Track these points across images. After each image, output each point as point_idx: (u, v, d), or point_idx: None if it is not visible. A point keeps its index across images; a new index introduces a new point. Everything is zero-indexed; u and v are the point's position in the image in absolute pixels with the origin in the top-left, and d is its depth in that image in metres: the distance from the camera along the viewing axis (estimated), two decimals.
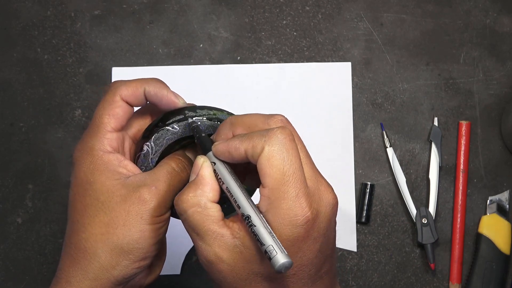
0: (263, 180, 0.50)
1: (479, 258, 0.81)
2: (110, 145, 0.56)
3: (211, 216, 0.51)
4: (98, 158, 0.56)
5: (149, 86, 0.58)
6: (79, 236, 0.55)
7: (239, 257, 0.51)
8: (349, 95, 0.85)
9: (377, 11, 0.86)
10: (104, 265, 0.54)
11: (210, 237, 0.51)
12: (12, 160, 0.84)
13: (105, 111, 0.57)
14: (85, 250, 0.55)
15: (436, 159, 0.83)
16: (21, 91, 0.85)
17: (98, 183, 0.55)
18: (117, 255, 0.54)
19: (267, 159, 0.50)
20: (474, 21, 0.86)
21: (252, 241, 0.50)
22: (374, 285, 0.83)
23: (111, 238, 0.54)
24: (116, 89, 0.57)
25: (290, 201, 0.49)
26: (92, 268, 0.54)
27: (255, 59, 0.86)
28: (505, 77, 0.85)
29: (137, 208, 0.54)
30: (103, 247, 0.54)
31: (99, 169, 0.55)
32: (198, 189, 0.52)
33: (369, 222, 0.83)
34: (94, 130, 0.57)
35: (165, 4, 0.87)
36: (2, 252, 0.83)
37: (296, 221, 0.49)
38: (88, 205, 0.55)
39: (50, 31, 0.86)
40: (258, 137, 0.50)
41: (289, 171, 0.50)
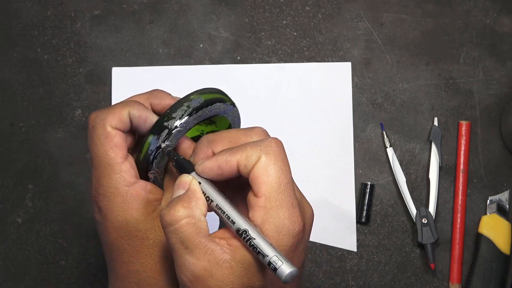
0: (258, 189, 0.50)
1: (479, 258, 0.81)
2: (130, 176, 0.56)
3: (203, 229, 0.51)
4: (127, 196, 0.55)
5: (133, 109, 0.57)
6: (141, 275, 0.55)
7: (228, 272, 0.50)
8: (349, 95, 0.85)
9: (377, 11, 0.86)
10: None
11: (200, 251, 0.50)
12: (12, 160, 0.84)
13: (106, 146, 0.56)
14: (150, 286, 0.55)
15: (436, 159, 0.83)
16: (21, 91, 0.85)
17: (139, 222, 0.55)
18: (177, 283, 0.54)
19: (264, 168, 0.50)
20: (474, 21, 0.86)
21: (245, 255, 0.50)
22: (374, 285, 0.83)
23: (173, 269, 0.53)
24: (103, 120, 0.56)
25: (287, 210, 0.50)
26: None
27: (255, 59, 0.86)
28: (505, 77, 0.85)
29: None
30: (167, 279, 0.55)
31: (133, 208, 0.55)
32: (192, 201, 0.51)
33: (369, 222, 0.83)
34: (108, 169, 0.55)
35: (165, 4, 0.87)
36: (2, 252, 0.83)
37: (293, 230, 0.50)
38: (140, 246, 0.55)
39: (50, 31, 0.86)
40: (252, 147, 0.51)
41: (284, 180, 0.50)
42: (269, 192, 0.50)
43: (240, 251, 0.50)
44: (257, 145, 0.51)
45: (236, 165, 0.51)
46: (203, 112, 0.57)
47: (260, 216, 0.50)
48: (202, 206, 0.52)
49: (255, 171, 0.50)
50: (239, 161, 0.51)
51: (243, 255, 0.50)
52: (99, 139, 0.55)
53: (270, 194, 0.50)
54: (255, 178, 0.50)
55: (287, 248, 0.50)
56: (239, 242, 0.50)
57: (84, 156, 0.84)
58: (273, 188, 0.50)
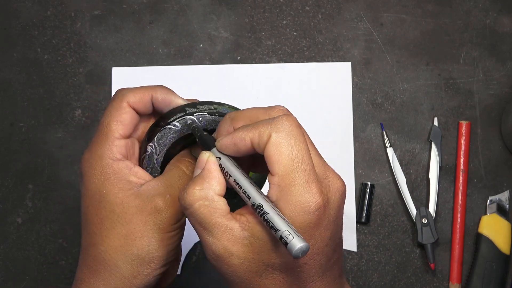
0: (272, 167, 0.50)
1: (479, 258, 0.81)
2: (119, 152, 0.56)
3: (218, 209, 0.51)
4: (108, 167, 0.55)
5: (156, 92, 0.58)
6: (98, 249, 0.55)
7: (249, 249, 0.50)
8: (349, 95, 0.85)
9: (377, 11, 0.86)
10: (126, 275, 0.54)
11: (218, 231, 0.50)
12: (12, 160, 0.84)
13: (113, 117, 0.56)
14: (105, 262, 0.54)
15: (436, 159, 0.83)
16: (21, 91, 0.85)
17: (111, 194, 0.55)
18: (138, 265, 0.54)
19: (275, 146, 0.49)
20: (474, 21, 0.86)
21: (263, 231, 0.50)
22: (374, 285, 0.83)
23: (131, 249, 0.54)
24: (123, 95, 0.57)
25: (301, 187, 0.49)
26: (114, 279, 0.54)
27: (255, 59, 0.86)
28: (505, 77, 0.85)
29: (154, 218, 0.54)
30: (123, 258, 0.54)
31: (110, 179, 0.55)
32: (204, 182, 0.51)
33: (369, 222, 0.83)
34: (102, 138, 0.56)
35: (165, 4, 0.87)
36: (2, 252, 0.83)
37: (308, 207, 0.49)
38: (104, 218, 0.55)
39: (50, 31, 0.86)
40: (264, 125, 0.50)
41: (297, 157, 0.49)
42: (281, 171, 0.49)
43: (258, 227, 0.50)
44: (268, 123, 0.50)
45: (250, 142, 0.51)
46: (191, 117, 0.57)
47: (275, 194, 0.50)
48: (216, 185, 0.52)
49: (267, 150, 0.50)
50: (252, 139, 0.50)
51: (262, 231, 0.50)
52: (111, 109, 0.56)
53: (283, 172, 0.49)
54: (268, 156, 0.50)
55: (305, 225, 0.49)
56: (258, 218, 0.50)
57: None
58: (285, 166, 0.49)
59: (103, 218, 0.55)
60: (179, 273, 0.82)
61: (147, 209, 0.54)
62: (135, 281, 0.54)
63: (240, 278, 0.51)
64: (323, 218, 0.50)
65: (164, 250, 0.55)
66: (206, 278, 0.83)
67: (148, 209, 0.54)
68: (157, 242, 0.54)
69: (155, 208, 0.54)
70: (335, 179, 0.52)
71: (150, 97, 0.57)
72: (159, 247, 0.55)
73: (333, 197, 0.51)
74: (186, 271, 0.83)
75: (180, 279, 0.83)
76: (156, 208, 0.54)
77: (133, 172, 0.56)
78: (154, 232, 0.54)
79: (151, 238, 0.54)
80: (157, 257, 0.55)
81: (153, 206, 0.54)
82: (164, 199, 0.55)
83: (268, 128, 0.50)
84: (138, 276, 0.54)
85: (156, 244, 0.54)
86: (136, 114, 0.57)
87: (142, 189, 0.55)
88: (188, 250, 0.82)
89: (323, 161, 0.53)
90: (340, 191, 0.52)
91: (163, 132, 0.57)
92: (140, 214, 0.54)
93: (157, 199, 0.55)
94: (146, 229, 0.54)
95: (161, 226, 0.54)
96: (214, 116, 0.57)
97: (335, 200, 0.51)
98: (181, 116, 0.57)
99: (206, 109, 0.57)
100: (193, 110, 0.57)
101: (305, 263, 0.51)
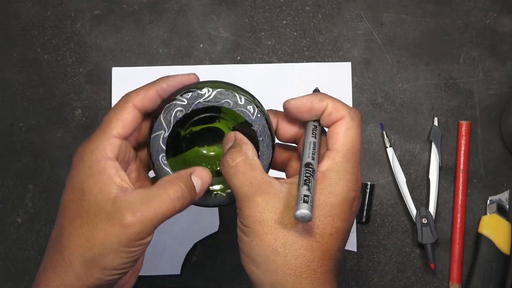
0: (335, 143, 0.56)
1: (479, 258, 0.81)
2: (111, 151, 0.56)
3: (258, 166, 0.56)
4: (96, 163, 0.55)
5: (160, 84, 0.58)
6: (62, 243, 0.55)
7: (283, 202, 0.54)
8: (349, 95, 0.85)
9: (377, 11, 0.86)
10: (79, 274, 0.54)
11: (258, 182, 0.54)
12: (12, 160, 0.84)
13: (114, 115, 0.57)
14: (63, 258, 0.55)
15: (436, 159, 0.83)
16: (21, 91, 0.85)
17: (91, 194, 0.55)
18: (91, 267, 0.54)
19: (347, 128, 0.56)
20: (474, 21, 0.86)
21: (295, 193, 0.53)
22: (374, 285, 0.83)
23: (88, 252, 0.54)
24: (128, 96, 0.58)
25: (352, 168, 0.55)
26: (69, 276, 0.55)
27: (255, 59, 0.86)
28: (505, 77, 0.85)
29: (117, 231, 0.54)
30: (79, 258, 0.54)
31: (94, 177, 0.55)
32: (242, 145, 0.57)
33: (369, 222, 0.83)
34: (99, 133, 0.56)
35: (165, 4, 0.87)
36: (2, 252, 0.83)
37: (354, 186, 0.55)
38: (77, 215, 0.55)
39: (50, 31, 0.86)
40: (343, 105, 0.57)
41: (357, 145, 0.56)
42: (342, 149, 0.55)
43: (294, 187, 0.54)
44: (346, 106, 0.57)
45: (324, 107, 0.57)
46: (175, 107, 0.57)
47: (327, 164, 0.55)
48: (252, 149, 0.57)
49: (337, 127, 0.56)
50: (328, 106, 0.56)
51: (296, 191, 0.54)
52: (114, 109, 0.57)
53: (343, 151, 0.55)
54: (335, 133, 0.56)
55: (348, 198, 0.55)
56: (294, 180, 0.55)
57: None
58: (347, 147, 0.55)
59: (76, 216, 0.55)
60: (179, 273, 0.82)
61: (115, 219, 0.54)
62: (88, 281, 0.55)
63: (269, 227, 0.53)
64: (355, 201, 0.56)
65: (120, 261, 0.54)
66: (206, 278, 0.83)
67: (115, 220, 0.54)
68: (114, 254, 0.54)
69: (121, 221, 0.53)
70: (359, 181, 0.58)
71: (154, 91, 0.58)
72: (114, 258, 0.54)
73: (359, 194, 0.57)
74: (186, 271, 0.83)
75: (180, 279, 0.83)
76: (123, 223, 0.53)
77: (118, 174, 0.56)
78: (113, 244, 0.54)
79: (108, 248, 0.54)
80: (111, 266, 0.54)
81: (121, 219, 0.53)
82: (134, 215, 0.53)
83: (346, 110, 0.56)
84: (90, 278, 0.55)
85: (113, 255, 0.54)
86: (138, 114, 0.57)
87: (119, 196, 0.54)
88: (188, 250, 0.82)
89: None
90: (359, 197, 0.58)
91: (170, 109, 0.57)
92: (107, 223, 0.54)
93: (127, 213, 0.54)
94: (106, 239, 0.54)
95: (122, 241, 0.54)
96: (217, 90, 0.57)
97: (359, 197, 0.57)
98: (187, 91, 0.57)
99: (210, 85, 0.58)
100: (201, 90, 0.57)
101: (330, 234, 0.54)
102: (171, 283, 0.82)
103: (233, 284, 0.83)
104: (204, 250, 0.83)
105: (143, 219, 0.54)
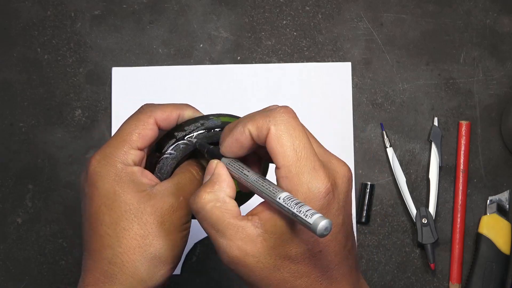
0: (277, 160, 0.50)
1: (479, 258, 0.81)
2: (133, 160, 0.56)
3: (230, 210, 0.51)
4: (122, 170, 0.55)
5: (184, 111, 0.58)
6: (115, 250, 0.54)
7: (263, 245, 0.50)
8: (349, 95, 0.85)
9: (377, 11, 0.86)
10: (143, 277, 0.54)
11: (232, 231, 0.50)
12: (12, 160, 0.84)
13: (137, 129, 0.57)
14: (123, 264, 0.54)
15: (436, 159, 0.83)
16: (21, 91, 0.85)
17: (126, 194, 0.55)
18: (154, 266, 0.54)
19: (276, 139, 0.50)
20: (474, 21, 0.86)
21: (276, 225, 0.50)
22: (374, 285, 0.83)
23: (149, 249, 0.54)
24: (152, 111, 0.57)
25: (308, 175, 0.49)
26: (131, 281, 0.54)
27: (255, 59, 0.86)
28: (505, 77, 0.85)
29: (170, 218, 0.55)
30: (142, 259, 0.54)
31: (124, 181, 0.55)
32: (215, 185, 0.52)
33: (369, 222, 0.83)
34: (119, 143, 0.56)
35: (165, 4, 0.87)
36: (2, 252, 0.83)
37: (318, 193, 0.49)
38: (119, 218, 0.55)
39: (50, 31, 0.86)
40: (262, 117, 0.51)
41: (299, 146, 0.50)
42: (287, 162, 0.50)
43: (270, 222, 0.50)
44: (266, 116, 0.51)
45: (249, 135, 0.51)
46: (215, 133, 0.58)
47: (285, 186, 0.50)
48: (227, 187, 0.52)
49: (269, 143, 0.50)
50: (251, 131, 0.51)
51: (274, 225, 0.50)
52: (136, 121, 0.57)
53: (289, 163, 0.49)
54: (271, 150, 0.50)
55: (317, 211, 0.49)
56: (269, 213, 0.50)
57: (84, 156, 0.84)
58: (289, 157, 0.49)
59: (118, 219, 0.55)
60: (179, 273, 0.82)
61: (163, 209, 0.55)
62: (150, 282, 0.54)
63: (259, 277, 0.51)
64: (332, 203, 0.50)
65: (177, 250, 0.56)
66: (206, 278, 0.83)
67: (164, 209, 0.55)
68: (172, 242, 0.55)
69: (171, 207, 0.55)
70: (340, 165, 0.52)
71: (177, 115, 0.58)
72: (173, 247, 0.55)
73: (340, 182, 0.51)
74: (186, 271, 0.83)
75: (180, 279, 0.83)
76: (172, 208, 0.55)
77: (144, 175, 0.57)
78: (170, 232, 0.55)
79: (166, 238, 0.55)
80: (172, 256, 0.55)
81: (169, 206, 0.55)
82: (178, 199, 0.55)
83: (266, 121, 0.50)
84: (153, 277, 0.55)
85: (171, 244, 0.55)
86: (158, 131, 0.58)
87: (155, 189, 0.56)
88: (188, 250, 0.82)
89: (325, 149, 0.53)
90: (347, 176, 0.52)
91: (162, 162, 0.58)
92: (156, 214, 0.55)
93: (172, 199, 0.55)
94: (162, 229, 0.55)
95: (176, 225, 0.55)
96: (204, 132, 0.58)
97: (343, 185, 0.51)
98: (173, 143, 0.57)
99: (194, 128, 0.58)
100: (182, 134, 0.58)
101: (320, 250, 0.51)
102: (171, 283, 0.82)
103: (233, 284, 0.83)
104: (204, 250, 0.83)
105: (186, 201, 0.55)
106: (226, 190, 0.52)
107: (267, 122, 0.50)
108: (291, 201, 0.48)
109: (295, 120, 0.50)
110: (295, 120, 0.50)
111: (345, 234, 0.52)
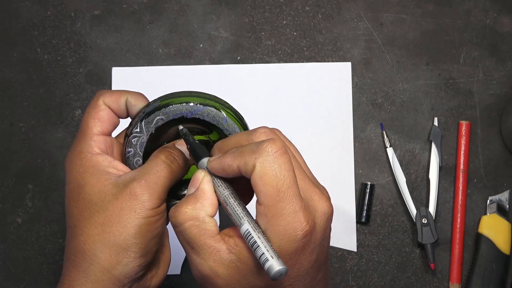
0: (258, 197, 0.50)
1: (479, 258, 0.81)
2: (98, 147, 0.57)
3: (208, 231, 0.51)
4: (86, 161, 0.56)
5: (131, 97, 0.58)
6: (77, 240, 0.55)
7: (234, 272, 0.50)
8: (349, 95, 0.85)
9: (377, 11, 0.86)
10: (104, 265, 0.54)
11: (206, 252, 0.51)
12: (12, 160, 0.84)
13: (90, 115, 0.58)
14: (84, 252, 0.54)
15: (436, 159, 0.83)
16: (21, 91, 0.85)
17: (89, 185, 0.55)
18: (116, 253, 0.54)
19: (260, 177, 0.49)
20: (474, 21, 0.86)
21: (249, 256, 0.50)
22: (374, 285, 0.83)
23: (108, 237, 0.54)
24: (100, 95, 0.58)
25: (288, 217, 0.49)
26: (93, 270, 0.54)
27: (255, 59, 0.86)
28: (505, 77, 0.85)
29: (129, 203, 0.54)
30: (101, 247, 0.54)
31: (88, 171, 0.56)
32: (197, 202, 0.52)
33: (369, 222, 0.83)
34: (81, 135, 0.57)
35: (165, 4, 0.87)
36: (2, 252, 0.83)
37: (296, 236, 0.49)
38: (83, 208, 0.55)
39: (50, 31, 0.86)
40: (249, 153, 0.50)
41: (283, 187, 0.49)
42: (267, 201, 0.49)
43: (245, 252, 0.50)
44: (252, 152, 0.50)
45: (237, 169, 0.51)
46: (155, 115, 0.57)
47: (263, 223, 0.50)
48: (208, 206, 0.52)
49: (253, 180, 0.49)
50: (239, 166, 0.50)
51: (247, 256, 0.50)
52: (88, 109, 0.58)
53: (269, 203, 0.49)
54: (254, 187, 0.50)
55: (290, 253, 0.50)
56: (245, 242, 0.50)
57: None
58: (270, 197, 0.49)
59: (82, 209, 0.55)
60: (179, 273, 0.82)
61: (123, 195, 0.54)
62: (114, 271, 0.54)
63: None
64: (309, 243, 0.50)
65: (142, 237, 0.54)
66: None
67: (123, 195, 0.54)
68: (134, 228, 0.54)
69: (130, 193, 0.54)
70: (321, 202, 0.52)
71: (125, 99, 0.58)
72: (136, 233, 0.54)
73: (320, 221, 0.51)
74: (186, 271, 0.83)
75: (180, 279, 0.83)
76: (131, 193, 0.54)
77: (112, 165, 0.57)
78: (131, 218, 0.54)
79: (127, 224, 0.54)
80: (135, 244, 0.54)
81: (128, 191, 0.54)
82: (139, 183, 0.54)
83: (253, 158, 0.49)
84: (117, 266, 0.54)
85: (133, 230, 0.54)
86: (112, 113, 0.58)
87: (119, 178, 0.56)
88: None
89: (310, 183, 0.52)
90: (327, 214, 0.52)
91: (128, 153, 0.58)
92: (116, 201, 0.54)
93: (132, 184, 0.54)
94: (122, 215, 0.54)
95: (137, 211, 0.54)
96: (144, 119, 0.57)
97: (322, 223, 0.51)
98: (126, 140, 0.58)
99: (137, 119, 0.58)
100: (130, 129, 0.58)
101: (290, 284, 0.51)
102: (171, 283, 0.82)
103: None
104: None
105: (149, 184, 0.54)
106: (207, 209, 0.52)
107: (253, 159, 0.49)
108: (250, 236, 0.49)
109: (282, 156, 0.49)
110: (281, 156, 0.49)
111: (317, 267, 0.52)
